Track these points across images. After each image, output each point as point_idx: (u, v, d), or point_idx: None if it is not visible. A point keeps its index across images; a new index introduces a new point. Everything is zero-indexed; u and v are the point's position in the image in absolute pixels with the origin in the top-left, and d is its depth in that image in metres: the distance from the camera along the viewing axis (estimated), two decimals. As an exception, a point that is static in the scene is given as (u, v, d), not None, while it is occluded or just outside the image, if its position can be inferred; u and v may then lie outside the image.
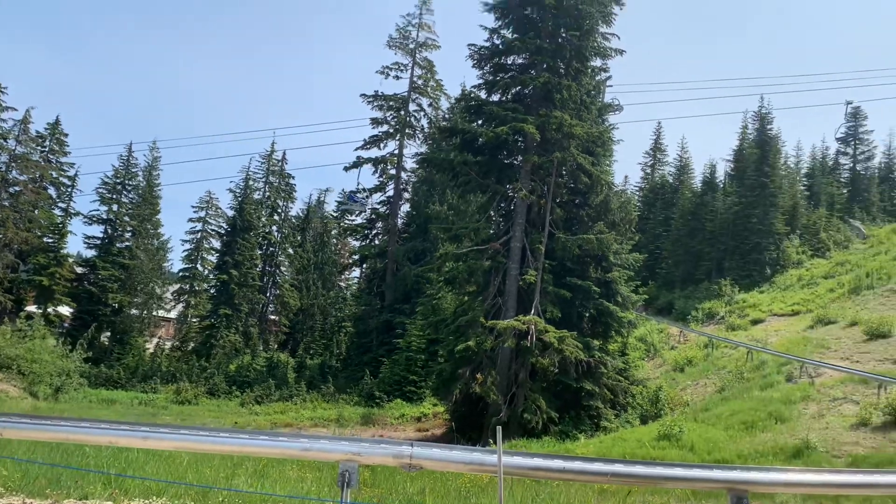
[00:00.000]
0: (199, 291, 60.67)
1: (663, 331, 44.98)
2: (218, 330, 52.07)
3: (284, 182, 66.13)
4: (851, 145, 75.66)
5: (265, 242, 62.95)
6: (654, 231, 66.01)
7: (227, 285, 54.11)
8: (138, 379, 43.60)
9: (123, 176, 54.20)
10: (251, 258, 56.87)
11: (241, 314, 55.02)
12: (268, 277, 62.64)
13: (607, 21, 31.23)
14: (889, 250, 47.45)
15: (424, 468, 5.82)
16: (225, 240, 57.58)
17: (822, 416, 20.83)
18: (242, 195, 59.01)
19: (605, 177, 31.13)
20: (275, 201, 65.24)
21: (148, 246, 56.45)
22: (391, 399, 37.50)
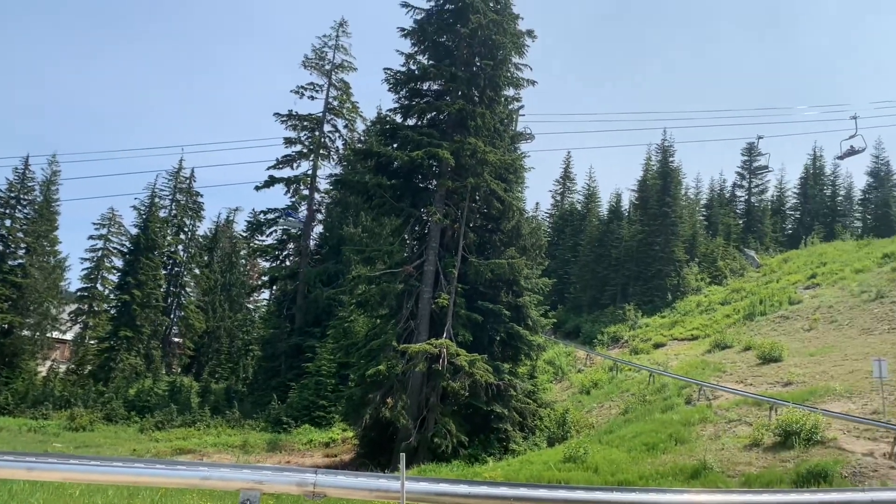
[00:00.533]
0: (99, 312, 57.80)
1: (571, 354, 46.03)
2: (117, 352, 49.72)
3: (192, 200, 64.27)
4: (747, 179, 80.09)
5: (170, 262, 60.82)
6: (563, 257, 67.72)
7: (128, 306, 51.84)
8: (28, 404, 41.02)
9: (18, 190, 51.34)
10: (155, 278, 54.75)
11: (143, 336, 52.77)
12: (172, 298, 60.43)
13: (520, 52, 32.10)
14: (780, 279, 50.32)
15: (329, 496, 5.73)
16: (127, 258, 55.25)
17: (718, 437, 21.72)
18: (147, 212, 56.91)
19: (517, 203, 31.78)
20: (181, 220, 63.25)
21: (43, 264, 53.43)
22: (299, 424, 36.68)
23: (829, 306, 38.99)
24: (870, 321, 34.56)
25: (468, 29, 29.98)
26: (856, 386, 24.02)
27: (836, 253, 53.08)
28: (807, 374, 27.32)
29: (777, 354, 31.40)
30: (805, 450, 18.47)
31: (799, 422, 19.25)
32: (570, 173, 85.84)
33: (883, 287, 38.05)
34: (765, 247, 67.74)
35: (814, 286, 45.24)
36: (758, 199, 79.15)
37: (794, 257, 57.32)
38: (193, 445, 33.17)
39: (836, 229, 68.49)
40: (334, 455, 31.81)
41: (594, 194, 77.02)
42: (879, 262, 45.13)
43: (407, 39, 31.95)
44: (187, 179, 63.91)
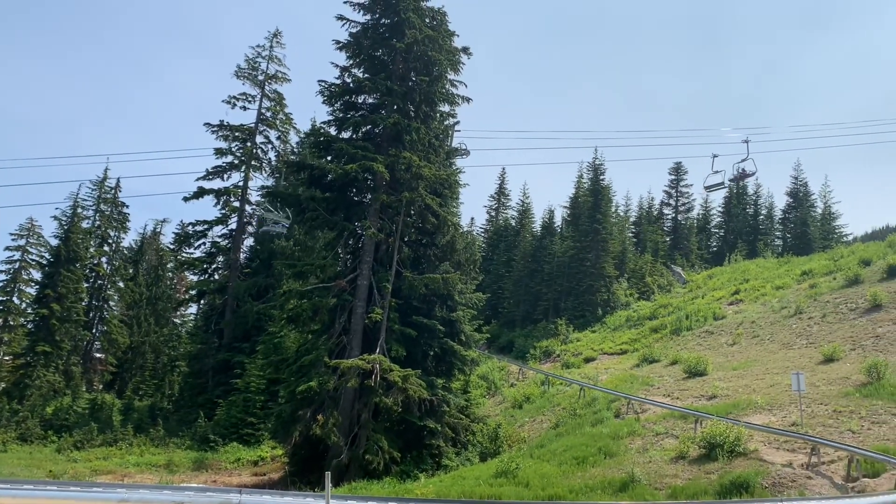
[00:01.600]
0: (15, 326, 55.03)
1: (504, 368, 46.34)
2: (34, 369, 47.35)
3: (117, 211, 62.05)
4: (674, 197, 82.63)
5: (93, 275, 58.47)
6: (497, 272, 68.29)
7: (46, 320, 49.51)
8: (-66, 424, 38.62)
9: (-74, 197, 48.64)
10: (76, 291, 52.48)
11: (63, 352, 50.44)
12: (94, 312, 58.07)
13: (455, 68, 32.30)
14: (705, 294, 51.99)
15: (253, 519, 5.54)
16: (47, 271, 52.81)
17: (646, 450, 22.13)
18: (69, 223, 54.59)
19: (452, 218, 31.84)
20: (105, 231, 60.98)
21: (-46, 276, 50.71)
22: (227, 442, 35.64)
23: (751, 321, 40.44)
24: (789, 336, 35.99)
25: (404, 44, 30.04)
26: (776, 399, 24.91)
27: (758, 270, 55.24)
28: (730, 387, 28.19)
29: (702, 368, 32.35)
30: (728, 461, 18.98)
31: (723, 434, 19.80)
32: (504, 189, 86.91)
33: (801, 303, 39.72)
34: (691, 263, 69.93)
35: (737, 302, 46.90)
36: (684, 217, 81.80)
37: (718, 274, 59.37)
38: (115, 465, 31.80)
39: (758, 247, 71.29)
40: (263, 474, 31.01)
41: (528, 210, 78.12)
42: (798, 278, 47.17)
43: (342, 52, 31.75)
44: (112, 189, 61.71)
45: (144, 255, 66.26)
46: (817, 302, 39.46)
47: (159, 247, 68.99)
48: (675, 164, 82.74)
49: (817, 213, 78.46)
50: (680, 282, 61.96)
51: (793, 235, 76.03)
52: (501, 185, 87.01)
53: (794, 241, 73.73)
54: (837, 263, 47.09)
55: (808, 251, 64.66)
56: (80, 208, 56.94)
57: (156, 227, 73.73)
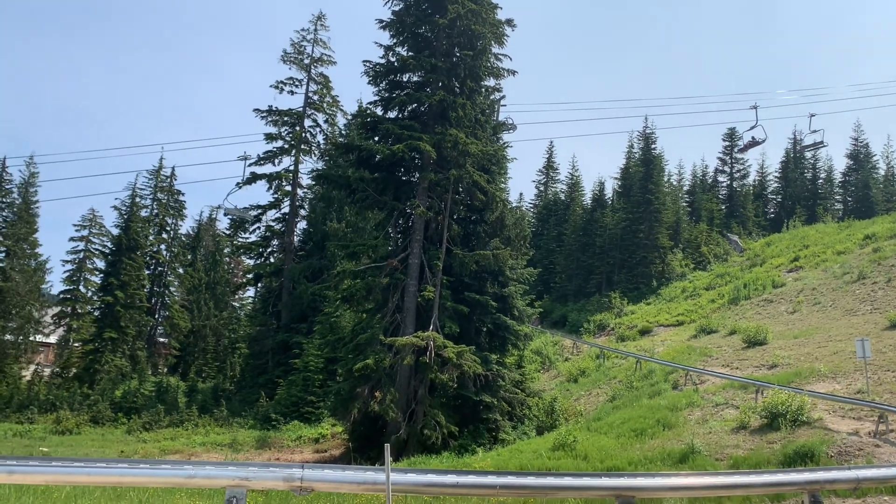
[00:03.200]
0: (82, 314, 57.16)
1: (557, 343, 46.18)
2: (102, 354, 49.24)
3: (173, 199, 63.69)
4: (728, 164, 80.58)
5: (153, 262, 60.29)
6: (547, 246, 67.89)
7: (112, 307, 51.33)
8: (13, 409, 40.55)
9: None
10: (138, 278, 54.21)
11: (128, 337, 52.28)
12: (156, 298, 59.96)
13: (500, 41, 31.97)
14: (763, 262, 50.72)
15: (316, 490, 5.69)
16: (110, 259, 54.64)
17: (705, 421, 21.86)
18: (128, 213, 56.26)
19: (500, 194, 31.71)
20: (163, 219, 62.69)
21: (24, 267, 52.75)
22: (288, 421, 36.54)
23: (812, 289, 39.36)
24: (852, 302, 34.92)
25: (447, 19, 29.82)
26: (840, 366, 24.26)
27: (817, 236, 53.57)
28: (791, 356, 27.56)
29: (762, 337, 31.66)
30: (791, 431, 18.62)
31: (785, 403, 19.40)
32: (553, 163, 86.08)
33: (864, 268, 38.46)
34: (748, 231, 68.23)
35: (797, 269, 45.65)
36: (740, 184, 79.72)
37: (776, 241, 57.80)
38: (181, 445, 32.97)
39: (817, 212, 69.12)
40: (324, 450, 31.74)
41: (577, 183, 77.26)
42: (860, 243, 45.59)
43: (385, 31, 31.74)
44: (168, 178, 63.34)
45: (202, 242, 67.89)
46: (881, 266, 38.13)
47: (215, 232, 70.59)
48: (728, 129, 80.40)
49: (879, 174, 75.52)
50: (737, 250, 60.56)
51: (854, 198, 73.43)
52: (550, 159, 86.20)
53: (856, 204, 71.21)
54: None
55: (870, 214, 62.39)
56: (138, 198, 58.58)
57: (211, 213, 75.43)
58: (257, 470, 5.60)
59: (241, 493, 5.33)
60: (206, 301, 60.28)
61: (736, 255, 58.97)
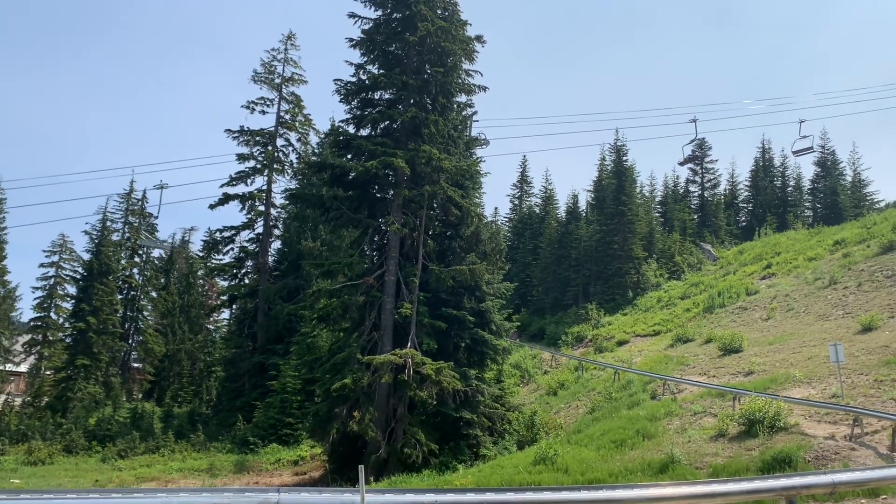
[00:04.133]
0: (54, 341, 56.14)
1: (536, 356, 46.22)
2: (75, 382, 48.30)
3: (146, 222, 62.99)
4: (699, 174, 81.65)
5: (126, 286, 59.44)
6: (523, 260, 68.13)
7: (84, 334, 50.45)
8: (-17, 440, 39.59)
9: (-38, 220, 49.74)
10: (111, 303, 53.39)
11: (101, 363, 51.36)
12: (129, 323, 59.08)
13: (470, 58, 32.17)
14: (737, 270, 51.34)
15: (292, 515, 5.59)
16: (81, 285, 53.76)
17: (684, 430, 21.94)
18: (99, 237, 55.48)
19: (475, 209, 31.76)
20: (135, 242, 61.95)
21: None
22: (266, 444, 36.06)
23: (785, 295, 39.87)
24: (825, 307, 35.41)
25: (417, 37, 29.95)
26: (815, 371, 24.53)
27: (789, 242, 54.39)
28: (767, 362, 27.83)
29: (738, 345, 31.98)
30: (769, 437, 18.74)
31: (762, 410, 19.54)
32: (526, 177, 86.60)
33: (835, 273, 39.06)
34: (720, 240, 69.07)
35: (769, 276, 46.25)
36: (711, 193, 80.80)
37: (748, 249, 58.56)
38: (158, 472, 32.33)
39: (788, 219, 70.22)
40: (304, 473, 31.34)
41: (551, 196, 77.75)
42: (831, 248, 46.35)
43: (356, 49, 31.78)
44: (139, 201, 62.71)
45: (175, 264, 67.15)
46: (852, 271, 38.76)
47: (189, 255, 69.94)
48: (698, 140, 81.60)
49: (847, 181, 76.97)
50: (710, 259, 61.24)
51: (823, 205, 74.73)
52: (523, 173, 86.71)
53: (825, 210, 72.47)
54: (871, 231, 46.15)
55: (839, 220, 63.51)
56: (109, 221, 57.80)
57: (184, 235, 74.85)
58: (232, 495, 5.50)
59: (214, 520, 5.21)
60: (180, 324, 59.53)
61: (709, 263, 59.61)
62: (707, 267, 58.37)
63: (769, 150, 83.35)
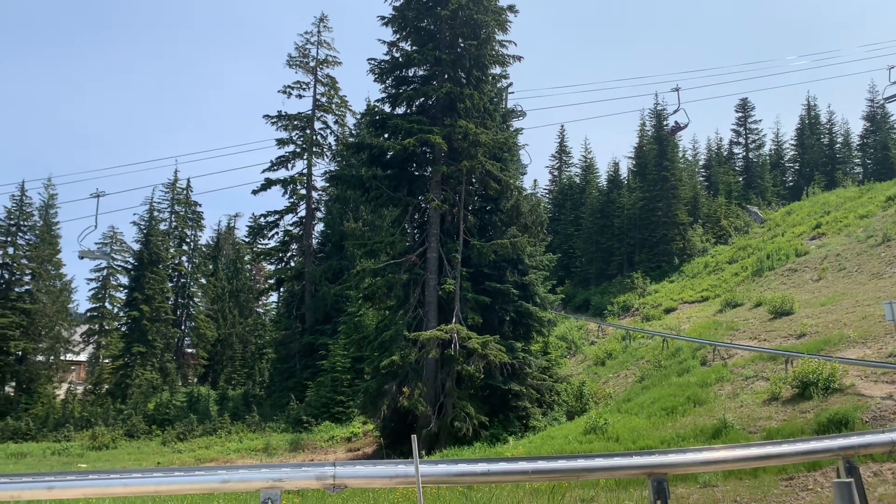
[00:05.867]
0: (110, 331, 58.06)
1: (582, 327, 46.04)
2: (132, 369, 49.98)
3: (191, 210, 64.34)
4: (743, 135, 79.73)
5: (175, 274, 60.97)
6: (565, 231, 67.63)
7: (138, 322, 52.04)
8: (50, 428, 41.27)
9: (17, 217, 51.43)
10: (162, 291, 54.89)
11: (156, 350, 53.00)
12: (181, 310, 60.65)
13: (503, 28, 31.78)
14: (785, 232, 50.19)
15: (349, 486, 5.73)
16: (133, 275, 55.39)
17: (736, 395, 21.71)
18: (147, 227, 56.93)
19: (514, 182, 31.61)
20: (182, 231, 63.38)
21: (50, 288, 53.60)
22: (319, 422, 36.84)
23: (836, 254, 38.90)
24: (878, 265, 34.48)
25: (448, 10, 29.70)
26: (870, 331, 23.96)
27: (838, 201, 52.90)
28: (819, 324, 27.27)
29: (788, 307, 31.35)
30: (824, 399, 18.44)
31: (815, 372, 19.19)
32: (565, 147, 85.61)
33: (889, 230, 37.93)
34: (767, 201, 67.53)
35: (819, 236, 45.12)
36: (756, 154, 78.87)
37: (796, 209, 57.15)
38: (216, 453, 33.36)
39: (836, 177, 68.21)
40: (357, 449, 31.96)
41: (591, 166, 76.78)
42: (883, 205, 44.96)
43: (388, 27, 31.69)
44: (184, 190, 64.00)
45: (222, 251, 68.53)
46: (906, 227, 37.58)
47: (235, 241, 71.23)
48: (740, 100, 79.74)
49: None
50: (757, 221, 59.97)
51: (873, 161, 72.34)
52: (562, 143, 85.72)
53: (876, 166, 70.15)
54: (926, 184, 44.63)
55: (891, 175, 61.40)
56: (156, 212, 59.26)
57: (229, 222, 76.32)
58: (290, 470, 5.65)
59: (275, 494, 5.38)
60: (230, 309, 60.85)
61: (757, 226, 58.39)
62: (754, 229, 57.18)
63: (815, 106, 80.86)
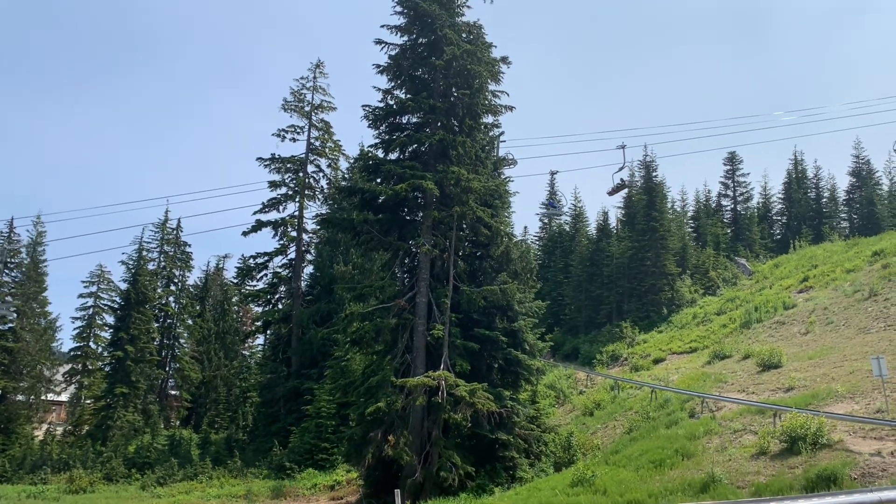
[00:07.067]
0: (93, 370, 57.20)
1: (571, 376, 45.76)
2: (114, 410, 49.06)
3: (180, 250, 64.02)
4: (731, 188, 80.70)
5: (162, 314, 60.35)
6: (555, 279, 67.70)
7: (122, 362, 51.28)
8: (26, 470, 40.30)
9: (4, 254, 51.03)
10: (148, 332, 54.25)
11: (140, 391, 52.15)
12: (166, 351, 59.86)
13: (496, 79, 32.34)
14: (773, 284, 50.47)
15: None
16: (119, 314, 54.74)
17: (724, 448, 21.53)
18: (136, 266, 56.53)
19: (504, 228, 31.76)
20: (171, 271, 62.96)
21: (34, 326, 52.94)
22: (303, 469, 36.12)
23: (823, 308, 39.08)
24: (865, 320, 34.63)
25: (443, 60, 30.21)
26: (857, 386, 23.95)
27: (825, 255, 53.36)
28: (807, 377, 27.24)
29: (776, 360, 31.35)
30: (812, 454, 18.31)
31: (804, 426, 19.12)
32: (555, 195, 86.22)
33: (875, 285, 38.22)
34: (755, 254, 68.03)
35: (807, 289, 45.39)
36: (743, 206, 79.77)
37: (784, 262, 57.59)
38: (196, 499, 32.62)
39: (823, 231, 68.97)
40: (340, 497, 31.35)
41: (581, 214, 77.33)
42: (869, 260, 45.37)
43: (383, 75, 32.13)
44: (174, 230, 63.73)
45: (209, 292, 67.98)
46: (892, 282, 37.86)
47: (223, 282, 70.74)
48: (729, 153, 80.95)
49: (883, 190, 75.54)
50: (745, 273, 60.31)
51: (859, 216, 73.27)
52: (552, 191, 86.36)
53: (862, 221, 71.01)
54: (911, 240, 45.10)
55: (877, 231, 62.18)
56: (145, 251, 58.96)
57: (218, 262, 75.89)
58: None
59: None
60: (215, 351, 60.14)
61: (745, 278, 58.70)
62: (742, 281, 57.47)
63: (802, 161, 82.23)
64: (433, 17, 30.88)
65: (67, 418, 58.25)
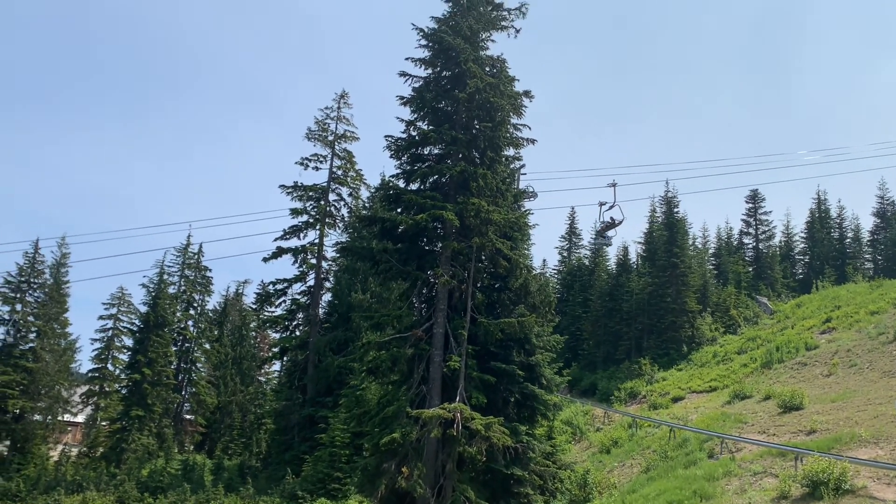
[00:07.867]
0: (110, 392, 57.43)
1: (588, 412, 45.19)
2: (129, 433, 49.14)
3: (201, 275, 64.54)
4: (753, 226, 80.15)
5: (180, 338, 60.65)
6: (573, 313, 67.25)
7: (139, 385, 51.49)
8: (40, 490, 40.21)
9: (28, 274, 51.72)
10: (165, 355, 54.51)
11: (155, 415, 52.22)
12: (183, 375, 60.07)
13: (518, 112, 32.55)
14: (795, 324, 49.73)
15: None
16: (137, 337, 55.11)
17: (744, 491, 21.08)
18: (156, 290, 57.01)
19: (523, 260, 31.68)
20: (191, 295, 63.43)
21: (54, 347, 53.34)
22: (315, 498, 35.75)
23: (847, 350, 38.39)
24: (890, 363, 33.95)
25: (466, 93, 30.48)
26: (882, 431, 23.40)
27: (849, 295, 52.55)
28: (830, 420, 26.67)
29: (798, 402, 30.75)
30: (835, 500, 17.87)
31: (826, 471, 18.67)
32: (575, 229, 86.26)
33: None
34: (776, 293, 67.22)
35: (829, 330, 44.64)
36: (766, 245, 79.12)
37: (806, 302, 56.79)
38: (207, 525, 32.39)
39: (846, 272, 68.04)
40: (351, 529, 30.97)
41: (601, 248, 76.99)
42: (894, 302, 44.61)
43: (406, 107, 32.44)
44: (195, 255, 64.33)
45: (228, 317, 68.31)
46: (919, 325, 37.17)
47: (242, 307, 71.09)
48: (751, 191, 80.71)
49: (909, 232, 74.62)
50: (767, 312, 59.55)
51: (884, 257, 72.41)
52: (572, 225, 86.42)
53: (886, 262, 70.16)
54: (937, 283, 44.37)
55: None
56: (165, 275, 59.41)
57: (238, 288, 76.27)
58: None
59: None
60: (232, 377, 60.23)
61: (766, 317, 57.94)
62: (764, 321, 56.72)
63: (825, 200, 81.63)
64: (457, 51, 31.23)
65: (83, 439, 58.38)
